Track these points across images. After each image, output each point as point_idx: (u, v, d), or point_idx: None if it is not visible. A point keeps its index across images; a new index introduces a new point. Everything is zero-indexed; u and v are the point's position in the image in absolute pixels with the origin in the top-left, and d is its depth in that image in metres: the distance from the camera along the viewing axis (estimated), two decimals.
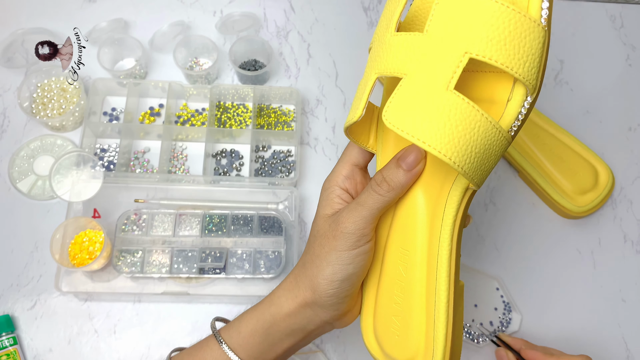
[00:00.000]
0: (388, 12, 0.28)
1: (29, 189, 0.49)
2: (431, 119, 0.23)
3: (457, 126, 0.23)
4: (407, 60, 0.24)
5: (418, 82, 0.24)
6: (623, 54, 0.59)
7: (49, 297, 0.46)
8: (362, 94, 0.27)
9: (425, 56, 0.24)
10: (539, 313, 0.48)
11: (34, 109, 0.51)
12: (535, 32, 0.23)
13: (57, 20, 0.55)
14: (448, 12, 0.24)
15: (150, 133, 0.51)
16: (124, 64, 0.54)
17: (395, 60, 0.25)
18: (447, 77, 0.23)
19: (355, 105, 0.28)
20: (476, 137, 0.24)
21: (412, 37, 0.25)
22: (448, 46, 0.23)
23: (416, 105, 0.24)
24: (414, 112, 0.24)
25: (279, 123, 0.53)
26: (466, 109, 0.23)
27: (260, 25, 0.57)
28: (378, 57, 0.26)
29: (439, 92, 0.23)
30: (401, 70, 0.24)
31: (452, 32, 0.23)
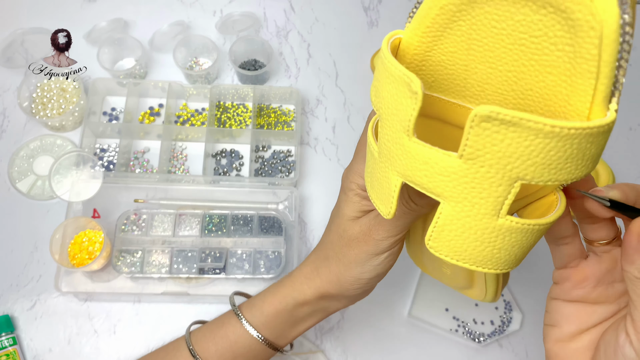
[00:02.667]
0: (398, 85, 0.22)
1: (29, 189, 0.49)
2: (484, 246, 0.22)
3: (512, 247, 0.22)
4: (441, 181, 0.21)
5: (461, 208, 0.21)
6: None
7: (48, 297, 0.46)
8: (387, 193, 0.23)
9: (465, 182, 0.20)
10: (539, 312, 0.47)
11: (33, 109, 0.51)
12: (601, 136, 0.19)
13: (57, 20, 0.55)
14: (488, 140, 0.19)
15: (150, 133, 0.51)
16: (124, 63, 0.54)
17: (424, 176, 0.21)
18: (497, 205, 0.20)
19: (380, 200, 0.24)
20: (529, 246, 0.23)
21: (445, 158, 0.20)
22: (494, 173, 0.20)
23: (464, 233, 0.22)
24: (462, 241, 0.22)
25: (278, 123, 0.53)
26: (521, 230, 0.21)
27: (260, 25, 0.57)
28: (395, 155, 0.22)
29: (489, 220, 0.21)
30: (434, 190, 0.21)
31: (497, 159, 0.19)
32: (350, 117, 0.54)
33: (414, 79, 0.20)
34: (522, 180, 0.20)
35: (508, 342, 0.47)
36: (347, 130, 0.54)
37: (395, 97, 0.22)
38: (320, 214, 0.50)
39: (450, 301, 0.47)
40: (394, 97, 0.22)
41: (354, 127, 0.54)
